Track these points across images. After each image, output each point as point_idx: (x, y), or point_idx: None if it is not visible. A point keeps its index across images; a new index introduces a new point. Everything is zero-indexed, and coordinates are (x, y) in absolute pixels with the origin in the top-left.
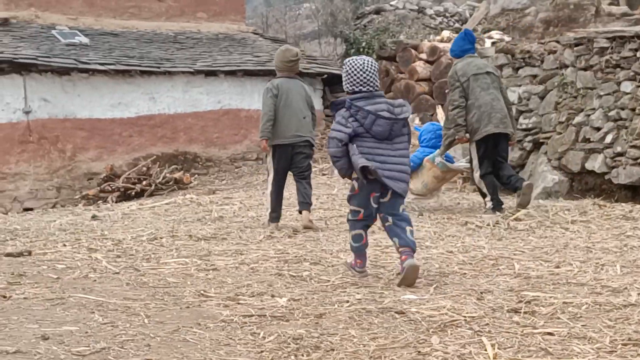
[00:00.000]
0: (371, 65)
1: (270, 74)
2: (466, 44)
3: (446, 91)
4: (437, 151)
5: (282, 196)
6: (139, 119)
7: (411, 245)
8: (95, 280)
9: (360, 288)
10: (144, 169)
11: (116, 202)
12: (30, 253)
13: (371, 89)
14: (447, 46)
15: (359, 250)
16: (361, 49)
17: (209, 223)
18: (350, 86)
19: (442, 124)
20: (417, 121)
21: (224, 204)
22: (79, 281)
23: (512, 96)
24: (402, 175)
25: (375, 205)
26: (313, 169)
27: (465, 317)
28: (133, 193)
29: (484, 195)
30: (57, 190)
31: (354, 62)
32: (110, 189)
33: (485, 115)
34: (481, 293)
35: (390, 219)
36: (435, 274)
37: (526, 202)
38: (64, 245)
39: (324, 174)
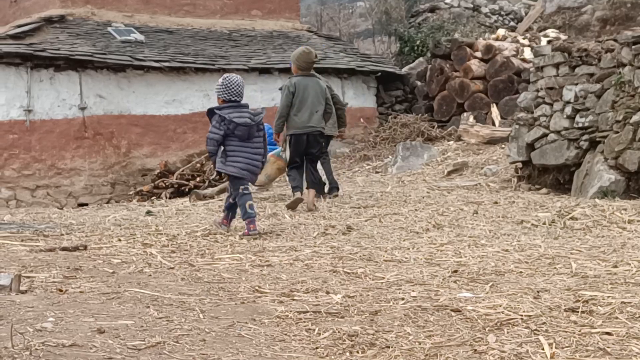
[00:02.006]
0: (242, 82)
1: (325, 72)
2: None
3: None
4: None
5: (303, 175)
6: (193, 116)
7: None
8: (150, 275)
9: (416, 285)
10: (198, 165)
11: (170, 198)
12: (85, 247)
13: (239, 99)
14: (503, 44)
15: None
16: (415, 47)
17: (263, 219)
18: (227, 95)
19: (497, 122)
20: (471, 119)
21: (277, 200)
22: (134, 276)
23: (569, 94)
24: (255, 169)
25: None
26: (367, 167)
27: (521, 315)
28: (186, 189)
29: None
30: (111, 186)
31: (230, 78)
32: (164, 185)
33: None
34: (538, 292)
35: None
36: (491, 273)
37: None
38: (119, 240)
39: (377, 172)
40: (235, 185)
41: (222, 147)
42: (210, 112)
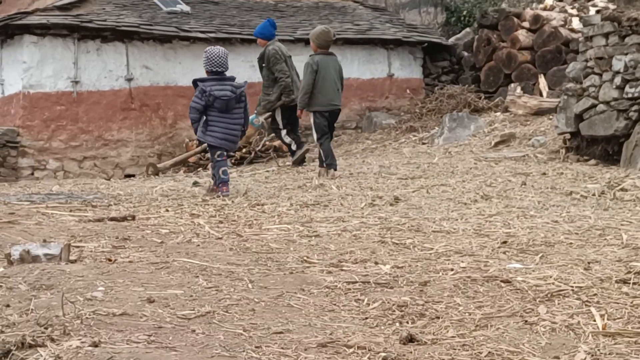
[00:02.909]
0: (225, 53)
1: (371, 42)
2: (273, 30)
3: (263, 64)
4: (256, 113)
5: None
6: None
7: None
8: (198, 245)
9: (465, 256)
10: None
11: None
12: (133, 218)
13: (222, 70)
14: (551, 14)
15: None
16: (462, 18)
17: (310, 190)
18: (210, 67)
19: (544, 93)
20: (518, 90)
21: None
22: (182, 246)
23: (618, 64)
24: (233, 138)
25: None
26: (413, 138)
27: (572, 287)
28: (232, 161)
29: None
30: (157, 157)
31: (212, 50)
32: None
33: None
34: (588, 263)
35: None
36: (541, 244)
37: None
38: (167, 210)
39: (423, 143)
40: (212, 153)
41: (205, 117)
42: (195, 83)
